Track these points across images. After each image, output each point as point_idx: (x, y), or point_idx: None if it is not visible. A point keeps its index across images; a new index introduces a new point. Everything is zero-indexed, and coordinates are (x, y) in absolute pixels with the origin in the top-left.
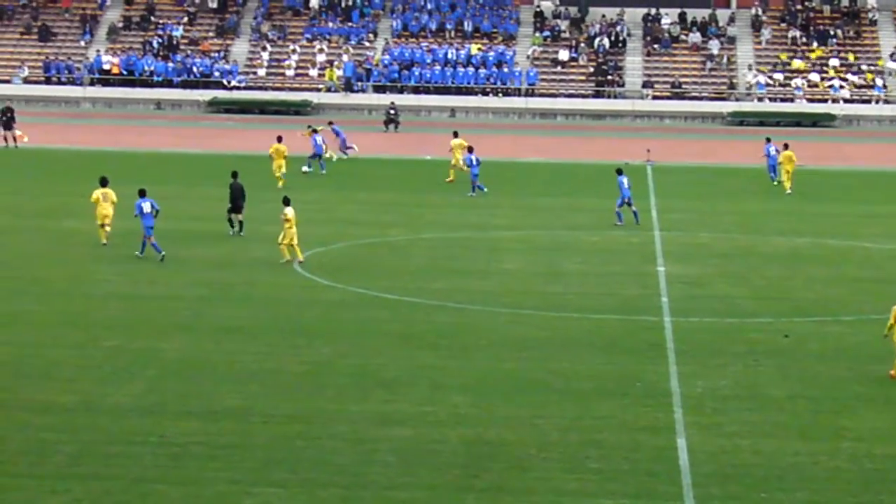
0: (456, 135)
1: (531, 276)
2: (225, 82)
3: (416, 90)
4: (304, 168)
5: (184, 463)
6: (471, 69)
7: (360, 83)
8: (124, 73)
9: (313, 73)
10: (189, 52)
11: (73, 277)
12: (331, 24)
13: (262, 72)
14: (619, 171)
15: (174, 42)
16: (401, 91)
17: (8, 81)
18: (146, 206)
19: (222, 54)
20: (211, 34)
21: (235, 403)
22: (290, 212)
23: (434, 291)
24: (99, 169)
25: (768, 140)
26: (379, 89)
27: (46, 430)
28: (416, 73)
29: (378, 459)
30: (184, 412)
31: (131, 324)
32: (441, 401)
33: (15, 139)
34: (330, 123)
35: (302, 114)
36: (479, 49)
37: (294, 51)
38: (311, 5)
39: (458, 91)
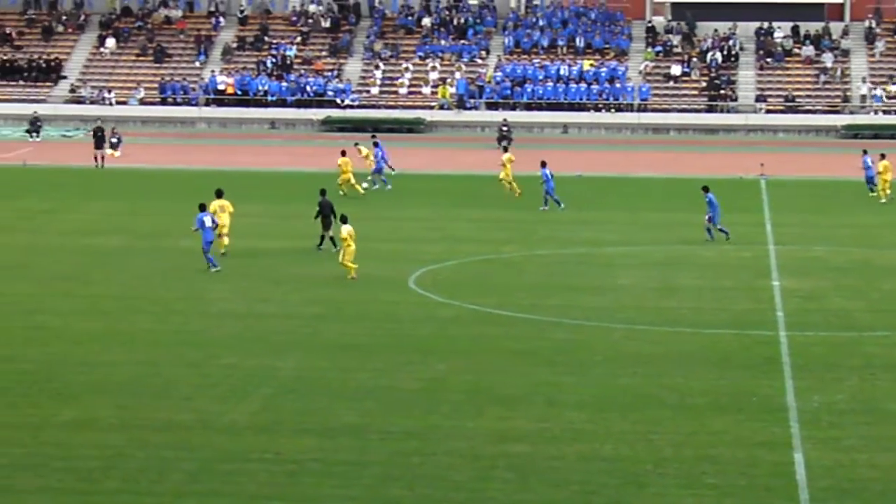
0: (506, 150)
1: (645, 291)
2: (338, 101)
3: (528, 107)
4: (364, 185)
5: (300, 480)
6: (583, 85)
7: (472, 100)
8: (238, 92)
9: (426, 90)
10: (302, 71)
11: (189, 296)
12: (443, 42)
13: (375, 90)
14: (706, 189)
15: (288, 62)
16: (513, 108)
17: (124, 102)
18: (207, 221)
19: (335, 73)
20: (324, 53)
21: (351, 420)
22: (345, 230)
23: (549, 308)
24: (214, 188)
25: (865, 152)
26: (491, 106)
27: (165, 448)
28: (529, 90)
29: (495, 476)
30: (300, 429)
31: (247, 342)
32: (557, 417)
33: (103, 158)
34: (373, 136)
35: (415, 131)
36: (591, 65)
37: (407, 69)
38: (423, 23)
39: (571, 107)
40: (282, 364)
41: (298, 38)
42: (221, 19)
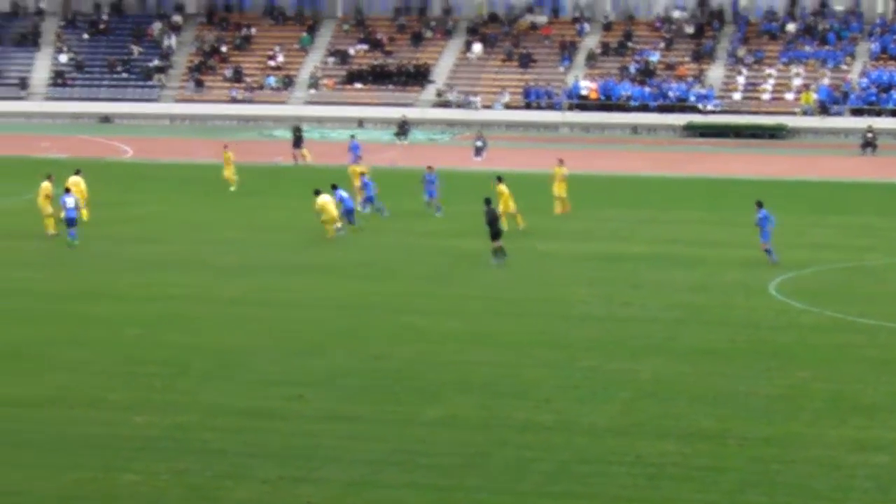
0: (500, 179)
1: None
2: (700, 106)
3: (893, 113)
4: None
5: (659, 483)
6: None
7: (836, 106)
8: (602, 97)
9: (789, 96)
10: (665, 76)
11: (549, 299)
12: (807, 48)
13: (737, 96)
14: (760, 205)
15: (651, 67)
16: (878, 114)
17: (490, 107)
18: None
19: (698, 79)
20: (687, 59)
21: (710, 425)
22: (319, 200)
23: None
24: (576, 190)
25: None
26: (856, 112)
27: (525, 448)
28: (895, 96)
29: (855, 486)
30: (659, 433)
31: (607, 345)
32: None
33: (303, 157)
34: (429, 168)
35: (777, 137)
36: None
37: (770, 75)
38: (787, 29)
39: None
40: (641, 368)
41: (662, 44)
42: (586, 25)
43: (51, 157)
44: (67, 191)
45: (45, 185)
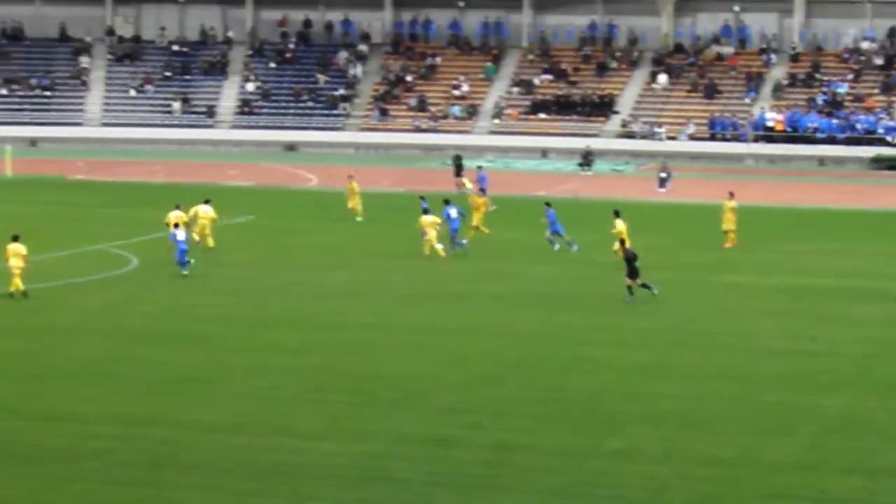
0: (618, 214)
1: None
2: (889, 139)
3: None
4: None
5: None
6: None
7: None
8: (788, 129)
9: None
10: (853, 108)
11: (734, 332)
12: None
13: None
14: None
15: (838, 99)
16: None
17: (674, 138)
18: (453, 213)
19: (887, 111)
20: (876, 91)
21: None
22: (427, 218)
23: None
24: (761, 222)
25: None
26: None
27: (709, 482)
28: None
29: None
30: (846, 469)
31: (792, 379)
32: None
33: (463, 185)
34: (547, 205)
35: None
36: None
37: None
38: None
39: None
40: (828, 402)
41: (850, 76)
42: (773, 56)
43: (237, 185)
44: (177, 226)
45: (176, 215)
